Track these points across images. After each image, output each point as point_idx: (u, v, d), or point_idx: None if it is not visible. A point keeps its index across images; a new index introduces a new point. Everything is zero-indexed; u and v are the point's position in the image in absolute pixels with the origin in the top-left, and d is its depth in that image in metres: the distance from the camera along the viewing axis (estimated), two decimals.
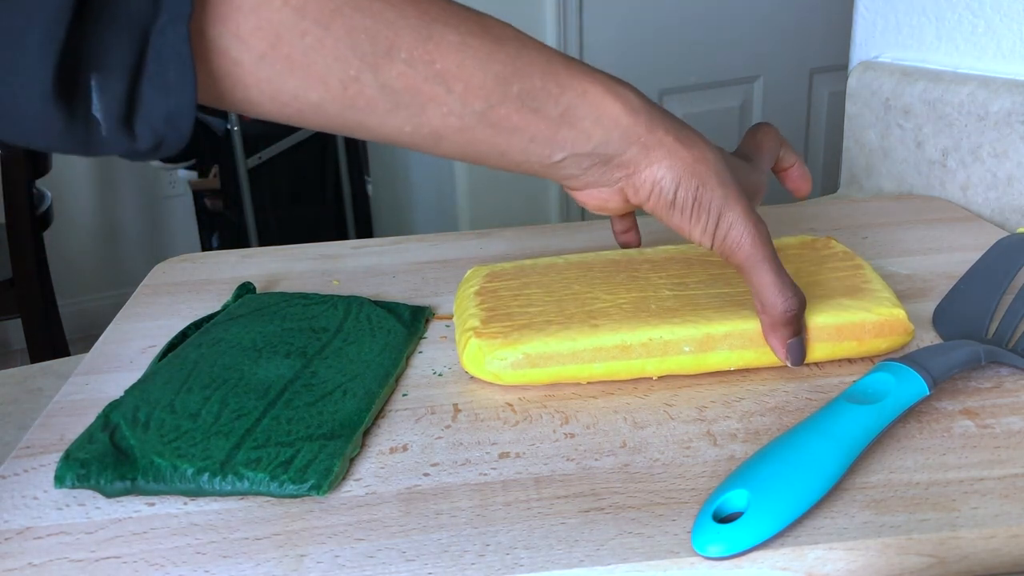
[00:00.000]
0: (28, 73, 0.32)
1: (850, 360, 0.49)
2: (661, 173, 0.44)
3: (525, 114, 0.41)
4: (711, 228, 0.44)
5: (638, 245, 0.56)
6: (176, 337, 0.53)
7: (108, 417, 0.44)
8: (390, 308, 0.56)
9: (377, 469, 0.42)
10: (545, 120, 0.42)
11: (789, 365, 0.47)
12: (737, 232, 0.44)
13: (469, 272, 0.56)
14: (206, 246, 2.56)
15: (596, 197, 0.46)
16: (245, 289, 0.60)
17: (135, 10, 0.33)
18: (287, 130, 2.19)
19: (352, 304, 0.56)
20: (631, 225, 0.55)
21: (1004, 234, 0.63)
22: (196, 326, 0.55)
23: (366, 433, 0.44)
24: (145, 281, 0.66)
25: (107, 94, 0.34)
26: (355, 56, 0.37)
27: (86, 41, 0.33)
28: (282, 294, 0.58)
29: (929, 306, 0.55)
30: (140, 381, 0.48)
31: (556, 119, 0.42)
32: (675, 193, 0.44)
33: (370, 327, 0.53)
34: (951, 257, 0.63)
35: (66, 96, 0.33)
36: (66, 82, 0.33)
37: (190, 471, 0.40)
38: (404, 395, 0.48)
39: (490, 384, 0.48)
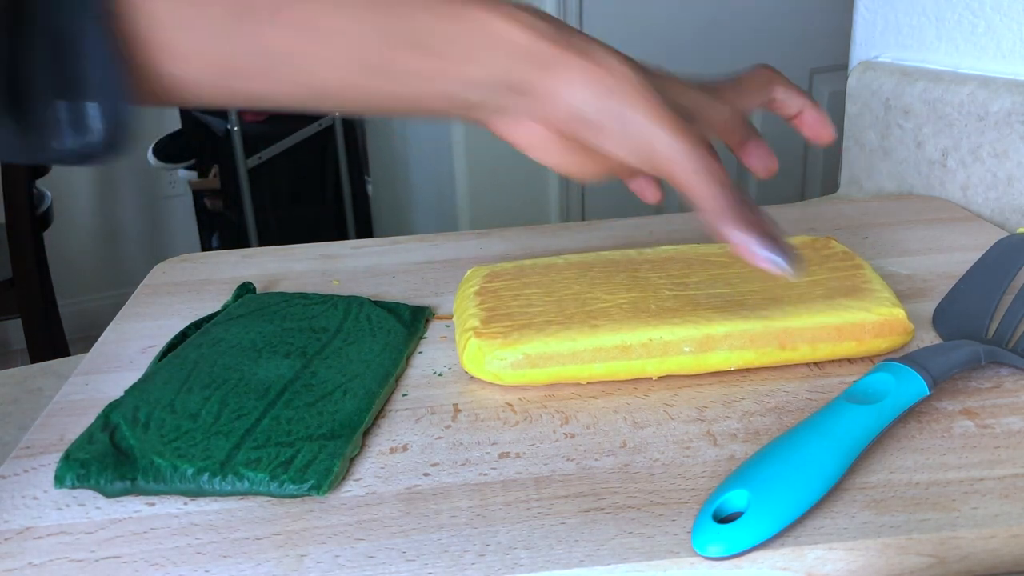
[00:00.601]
0: None
1: (850, 360, 0.49)
2: (573, 90, 0.42)
3: (419, 56, 0.40)
4: (633, 140, 0.42)
5: (655, 201, 0.50)
6: (176, 337, 0.53)
7: (108, 417, 0.44)
8: (390, 308, 0.56)
9: (377, 469, 0.42)
10: (442, 58, 0.40)
11: (786, 272, 0.42)
12: (664, 143, 0.42)
13: (469, 272, 0.56)
14: (206, 246, 2.56)
15: (525, 134, 0.44)
16: (245, 289, 0.60)
17: (62, 18, 0.34)
18: (287, 130, 2.19)
19: (352, 304, 0.56)
20: (636, 174, 0.50)
21: (1004, 234, 0.63)
22: (196, 326, 0.55)
23: (366, 433, 0.44)
24: (145, 281, 0.66)
25: (47, 104, 0.34)
26: (235, 22, 0.37)
27: (22, 53, 0.34)
28: (282, 294, 0.58)
29: (929, 306, 0.55)
30: (140, 381, 0.48)
31: (453, 55, 0.40)
32: (595, 110, 0.42)
33: (370, 327, 0.53)
34: (951, 257, 0.63)
35: (14, 108, 0.34)
36: (12, 94, 0.33)
37: (190, 471, 0.40)
38: (404, 395, 0.48)
39: (490, 384, 0.48)
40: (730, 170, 0.44)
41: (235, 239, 2.33)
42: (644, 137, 0.42)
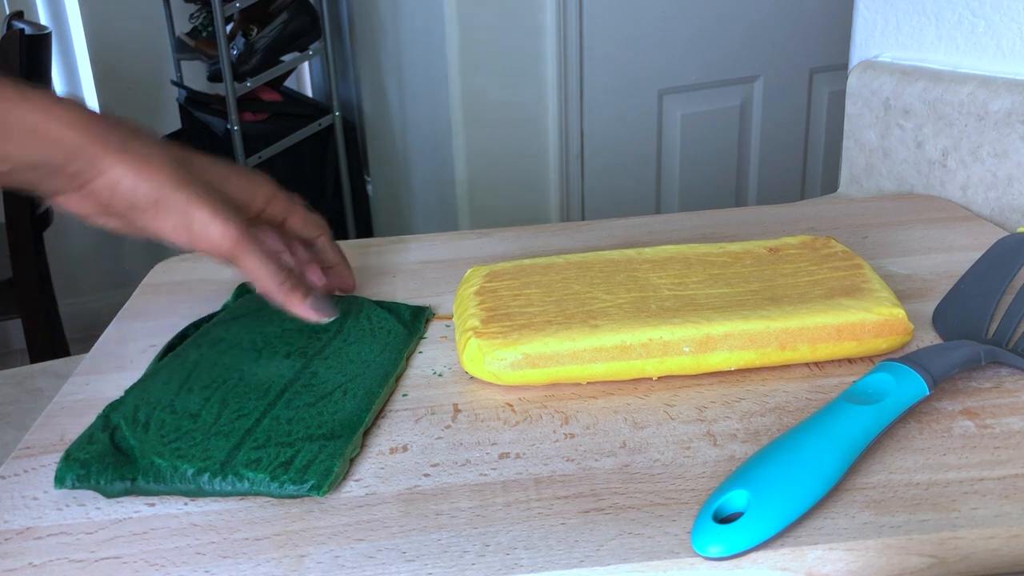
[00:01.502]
0: None
1: (850, 360, 0.49)
2: (116, 177, 0.46)
3: None
4: (184, 224, 0.47)
5: (351, 287, 0.58)
6: (176, 337, 0.53)
7: (108, 417, 0.44)
8: (390, 308, 0.56)
9: (377, 469, 0.42)
10: None
11: (323, 321, 0.51)
12: (216, 227, 0.47)
13: (469, 272, 0.56)
14: None
15: (74, 203, 0.48)
16: (245, 289, 0.60)
17: None
18: (287, 130, 2.19)
19: (352, 304, 0.56)
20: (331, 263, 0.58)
21: (1004, 234, 0.63)
22: (196, 326, 0.55)
23: (366, 433, 0.44)
24: (145, 281, 0.66)
25: None
26: None
27: None
28: None
29: (929, 306, 0.55)
30: (140, 381, 0.47)
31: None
32: (134, 197, 0.46)
33: (370, 327, 0.53)
34: (951, 257, 0.63)
35: None
36: None
37: (190, 471, 0.40)
38: (404, 395, 0.48)
39: (490, 384, 0.48)
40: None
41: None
42: (184, 220, 0.47)
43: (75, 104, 0.47)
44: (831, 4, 1.78)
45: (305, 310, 0.50)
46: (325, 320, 0.51)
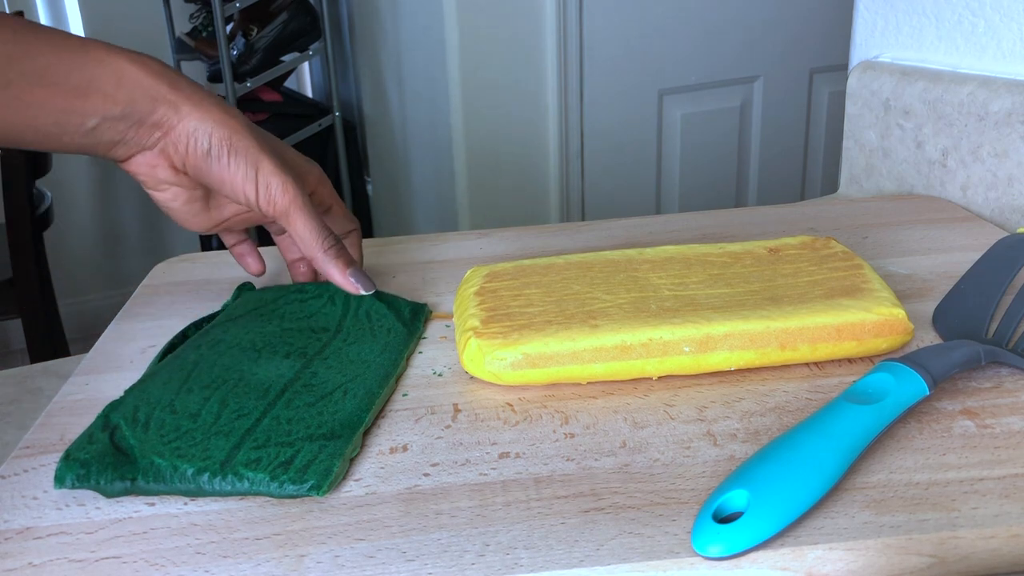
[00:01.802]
0: None
1: (850, 360, 0.49)
2: (193, 125, 0.48)
3: (45, 88, 0.45)
4: (252, 175, 0.49)
5: (259, 271, 0.60)
6: (176, 337, 0.53)
7: (108, 417, 0.44)
8: (389, 302, 0.56)
9: (377, 469, 0.42)
10: (65, 92, 0.45)
11: (363, 292, 0.53)
12: (280, 179, 0.50)
13: (469, 272, 0.56)
14: (206, 246, 2.56)
15: (144, 164, 0.50)
16: (245, 289, 0.59)
17: None
18: (287, 130, 2.19)
19: (351, 299, 0.56)
20: (243, 239, 0.59)
21: (1004, 234, 0.63)
22: (196, 326, 0.55)
23: (366, 433, 0.44)
24: (145, 281, 0.66)
25: None
26: None
27: None
28: (278, 287, 0.58)
29: (929, 306, 0.55)
30: (140, 381, 0.47)
31: (76, 89, 0.46)
32: (209, 141, 0.49)
33: (370, 327, 0.53)
34: (951, 257, 0.63)
35: None
36: None
37: (190, 471, 0.40)
38: (404, 395, 0.48)
39: (490, 384, 0.48)
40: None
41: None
42: (252, 169, 0.49)
43: (155, 59, 0.49)
44: (831, 4, 1.78)
45: (344, 279, 0.52)
46: (363, 293, 0.52)
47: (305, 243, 0.51)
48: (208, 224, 0.55)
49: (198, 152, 0.49)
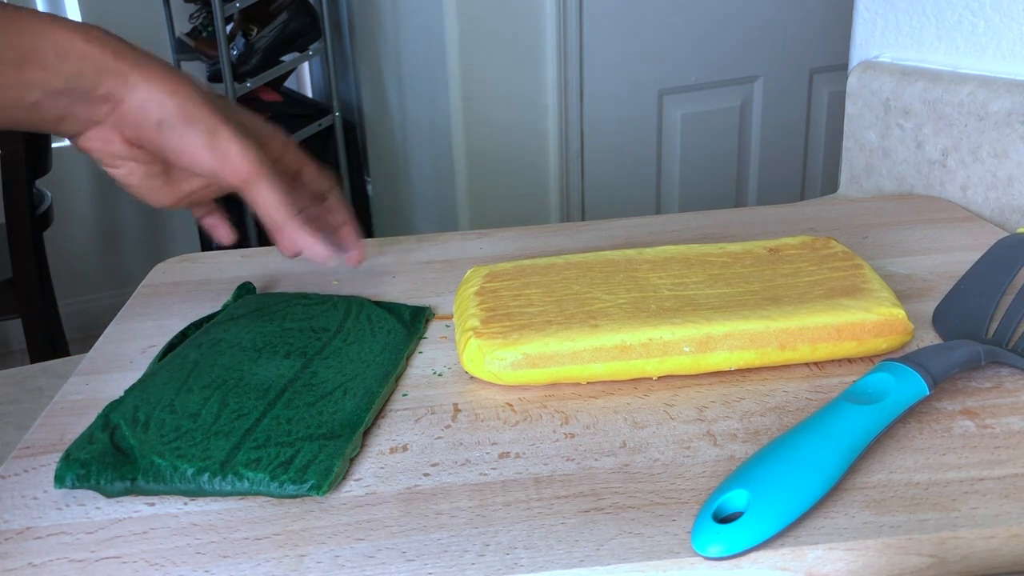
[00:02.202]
0: None
1: (850, 360, 0.49)
2: (143, 96, 0.46)
3: None
4: (209, 143, 0.47)
5: (231, 240, 0.58)
6: (176, 337, 0.53)
7: (108, 417, 0.44)
8: (390, 308, 0.56)
9: (377, 469, 0.42)
10: (3, 64, 0.43)
11: (331, 263, 0.52)
12: (238, 145, 0.47)
13: (469, 272, 0.56)
14: (206, 246, 2.56)
15: (96, 140, 0.48)
16: (245, 289, 0.60)
17: None
18: (287, 130, 2.18)
19: (352, 304, 0.56)
20: (212, 210, 0.57)
21: (1004, 234, 0.63)
22: (196, 326, 0.55)
23: (366, 433, 0.44)
24: (145, 281, 0.66)
25: None
26: None
27: None
28: (282, 294, 0.58)
29: (929, 306, 0.55)
30: (140, 381, 0.47)
31: (16, 61, 0.43)
32: (161, 112, 0.46)
33: (370, 327, 0.53)
34: (951, 257, 0.63)
35: None
36: None
37: (190, 471, 0.40)
38: (404, 395, 0.48)
39: (490, 384, 0.48)
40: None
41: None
42: (210, 139, 0.47)
43: (98, 28, 0.47)
44: (831, 4, 1.78)
45: (314, 245, 0.50)
46: (333, 262, 0.51)
47: (268, 211, 0.49)
48: (171, 198, 0.52)
49: (150, 124, 0.47)
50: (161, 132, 0.47)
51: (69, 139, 0.49)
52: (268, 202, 0.49)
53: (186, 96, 0.47)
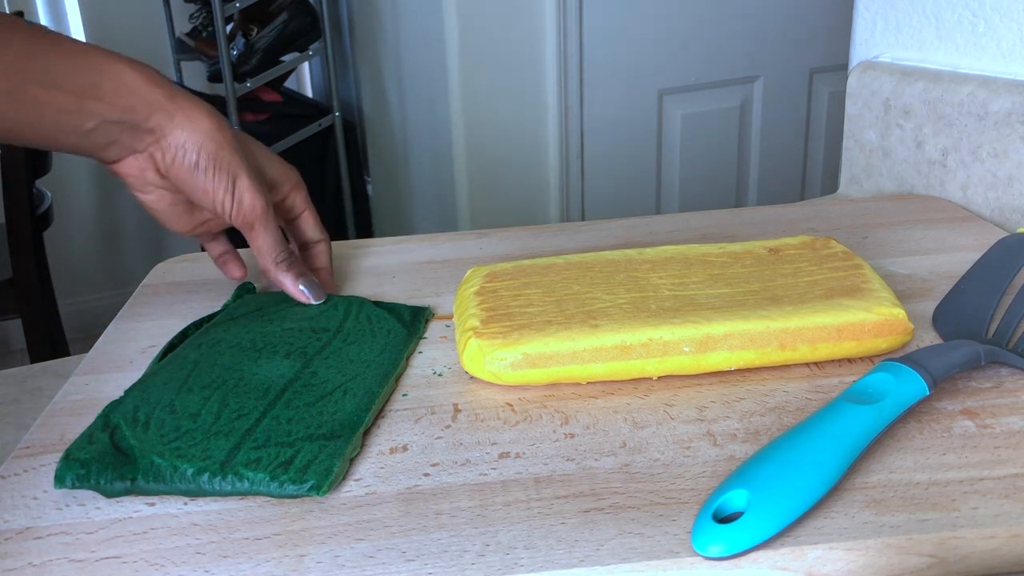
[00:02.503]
0: None
1: (850, 360, 0.49)
2: (184, 136, 0.51)
3: (48, 90, 0.47)
4: (231, 188, 0.52)
5: (241, 276, 0.62)
6: (176, 337, 0.53)
7: (108, 417, 0.44)
8: (390, 309, 0.56)
9: (377, 469, 0.42)
10: (68, 93, 0.48)
11: (312, 302, 0.56)
12: (251, 195, 0.53)
13: (469, 272, 0.56)
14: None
15: (132, 167, 0.52)
16: (245, 289, 0.60)
17: None
18: (287, 130, 2.19)
19: (352, 304, 0.56)
20: (227, 249, 0.62)
21: (1004, 234, 0.63)
22: (196, 326, 0.55)
23: (366, 433, 0.44)
24: (145, 281, 0.66)
25: None
26: None
27: None
28: (282, 294, 0.58)
29: (929, 306, 0.55)
30: (140, 381, 0.47)
31: (80, 92, 0.48)
32: (198, 154, 0.51)
33: (370, 327, 0.53)
34: (951, 257, 0.63)
35: None
36: None
37: (190, 471, 0.40)
38: (404, 395, 0.48)
39: (490, 384, 0.48)
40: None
41: (235, 239, 2.32)
42: (231, 183, 0.52)
43: (148, 66, 0.51)
44: (831, 4, 1.78)
45: (295, 288, 0.56)
46: (314, 302, 0.56)
47: (261, 255, 0.55)
48: (190, 226, 0.57)
49: (186, 164, 0.51)
50: (194, 173, 0.51)
51: (108, 164, 0.53)
52: (262, 246, 0.55)
53: (220, 143, 0.51)
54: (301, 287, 0.56)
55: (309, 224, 0.61)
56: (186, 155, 0.51)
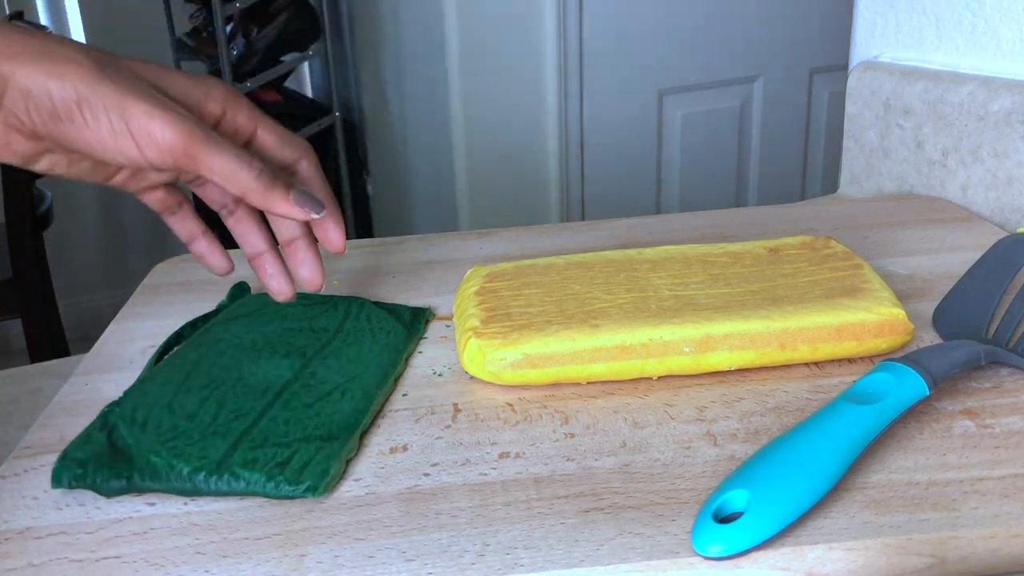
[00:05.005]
0: None
1: (850, 360, 0.49)
2: (27, 84, 0.38)
3: None
4: (122, 127, 0.39)
5: (226, 271, 0.50)
6: (172, 337, 0.53)
7: (106, 417, 0.44)
8: (390, 309, 0.56)
9: (377, 469, 0.42)
10: None
11: (314, 216, 0.43)
12: (161, 121, 0.39)
13: (469, 272, 0.56)
14: None
15: None
16: (239, 289, 0.59)
17: None
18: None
19: (352, 304, 0.56)
20: (198, 231, 0.49)
21: (1004, 234, 0.63)
22: (192, 326, 0.54)
23: (366, 433, 0.44)
24: (145, 281, 0.66)
25: None
26: None
27: None
28: None
29: (929, 306, 0.55)
30: (138, 381, 0.47)
31: None
32: (51, 100, 0.38)
33: (370, 327, 0.53)
34: (951, 257, 0.63)
35: None
36: None
37: (186, 470, 0.40)
38: (404, 395, 0.48)
39: (490, 384, 0.48)
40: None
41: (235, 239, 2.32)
42: (120, 120, 0.39)
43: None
44: (831, 4, 1.78)
45: (289, 206, 0.43)
46: (314, 216, 0.43)
47: (229, 179, 0.40)
48: (119, 180, 0.45)
49: (43, 116, 0.39)
50: (58, 125, 0.39)
51: None
52: (225, 168, 0.40)
53: (75, 76, 0.39)
54: (295, 202, 0.43)
55: (270, 141, 0.46)
56: (39, 106, 0.39)
